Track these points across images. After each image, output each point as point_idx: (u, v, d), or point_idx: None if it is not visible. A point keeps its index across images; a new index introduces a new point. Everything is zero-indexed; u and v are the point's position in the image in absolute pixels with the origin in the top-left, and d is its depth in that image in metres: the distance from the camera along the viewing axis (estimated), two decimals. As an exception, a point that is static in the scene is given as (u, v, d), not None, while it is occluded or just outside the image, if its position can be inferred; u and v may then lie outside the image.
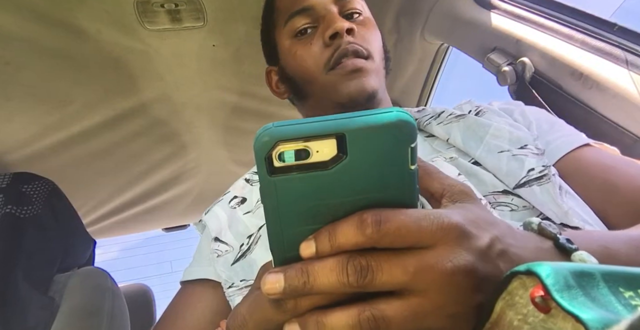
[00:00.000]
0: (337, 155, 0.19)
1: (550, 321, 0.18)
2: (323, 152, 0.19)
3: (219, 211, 0.57)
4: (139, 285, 1.40)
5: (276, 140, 0.19)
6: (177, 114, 1.01)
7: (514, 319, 0.20)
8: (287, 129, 0.19)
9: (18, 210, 0.76)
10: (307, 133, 0.19)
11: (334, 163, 0.19)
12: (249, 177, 0.61)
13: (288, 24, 0.59)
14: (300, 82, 0.60)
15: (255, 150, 0.19)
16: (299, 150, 0.19)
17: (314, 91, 0.58)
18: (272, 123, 0.19)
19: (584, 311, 0.17)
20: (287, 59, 0.60)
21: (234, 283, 0.48)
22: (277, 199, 0.20)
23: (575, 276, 0.18)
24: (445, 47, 1.03)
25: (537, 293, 0.18)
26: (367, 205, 0.20)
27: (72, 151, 1.00)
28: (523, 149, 0.46)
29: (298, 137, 0.19)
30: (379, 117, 0.19)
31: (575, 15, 0.70)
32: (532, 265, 0.19)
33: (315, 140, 0.19)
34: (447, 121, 0.55)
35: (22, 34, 0.74)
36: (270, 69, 0.67)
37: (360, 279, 0.20)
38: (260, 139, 0.19)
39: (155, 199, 1.27)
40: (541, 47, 0.72)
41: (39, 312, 0.70)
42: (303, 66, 0.57)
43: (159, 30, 0.80)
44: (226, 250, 0.52)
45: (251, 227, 0.52)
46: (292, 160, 0.19)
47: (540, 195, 0.42)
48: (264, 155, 0.19)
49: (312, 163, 0.19)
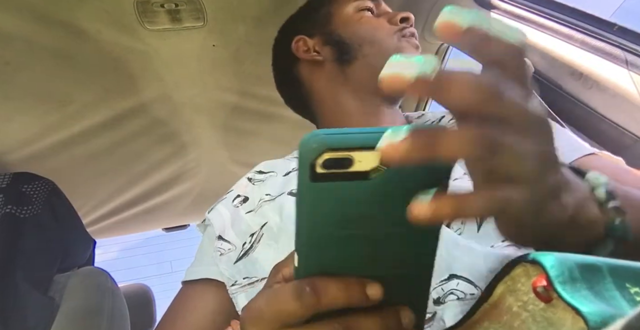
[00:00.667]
0: (378, 167, 0.20)
1: (550, 311, 0.18)
2: (365, 162, 0.20)
3: (222, 210, 0.57)
4: (139, 285, 1.40)
5: (325, 148, 0.19)
6: (177, 114, 1.01)
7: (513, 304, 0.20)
8: (336, 137, 0.19)
9: (18, 210, 0.76)
10: (355, 144, 0.19)
11: (375, 174, 0.20)
12: (252, 176, 0.61)
13: (357, 1, 0.66)
14: (358, 44, 0.63)
15: (301, 155, 0.20)
16: (343, 158, 0.19)
17: (371, 53, 0.62)
18: (321, 130, 0.20)
19: (584, 304, 0.17)
20: (348, 24, 0.65)
21: (237, 281, 0.48)
22: (313, 203, 0.21)
23: (581, 269, 0.18)
24: (445, 47, 1.03)
25: (539, 283, 0.18)
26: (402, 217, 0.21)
27: (72, 151, 1.00)
28: None
29: (346, 147, 0.19)
30: None
31: (575, 15, 0.70)
32: (537, 254, 0.19)
33: (360, 150, 0.19)
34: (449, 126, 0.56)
35: (22, 34, 0.74)
36: (301, 37, 0.68)
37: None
38: (309, 145, 0.19)
39: (155, 199, 1.27)
40: (541, 47, 0.72)
41: (39, 312, 0.70)
42: (370, 28, 0.63)
43: (159, 30, 0.80)
44: (229, 248, 0.52)
45: (253, 225, 0.52)
46: (335, 168, 0.20)
47: None
48: (309, 162, 0.19)
49: (354, 172, 0.20)
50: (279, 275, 0.26)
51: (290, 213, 0.50)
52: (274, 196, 0.54)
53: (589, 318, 0.16)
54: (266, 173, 0.60)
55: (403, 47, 0.62)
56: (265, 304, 0.23)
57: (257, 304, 0.24)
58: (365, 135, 0.20)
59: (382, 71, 0.19)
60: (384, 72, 0.19)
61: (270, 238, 0.50)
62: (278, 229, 0.50)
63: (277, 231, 0.50)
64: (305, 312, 0.22)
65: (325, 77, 0.66)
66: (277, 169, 0.60)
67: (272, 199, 0.54)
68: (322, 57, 0.65)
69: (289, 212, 0.50)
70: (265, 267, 0.48)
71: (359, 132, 0.20)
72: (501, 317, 0.20)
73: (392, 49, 0.61)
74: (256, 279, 0.48)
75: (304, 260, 0.23)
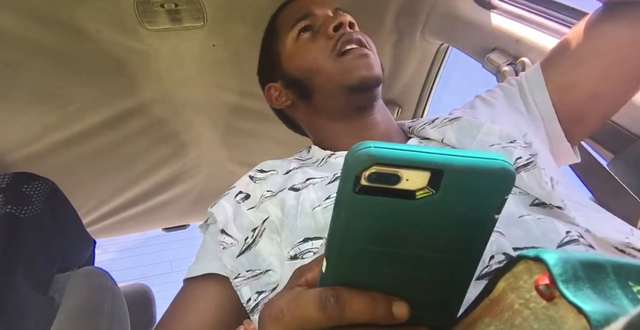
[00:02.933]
0: (426, 188, 0.19)
1: (552, 309, 0.18)
2: (412, 182, 0.19)
3: (225, 204, 0.58)
4: (139, 285, 1.40)
5: (374, 161, 0.18)
6: (177, 114, 1.01)
7: (515, 302, 0.20)
8: (386, 152, 0.19)
9: (18, 210, 0.76)
10: (405, 161, 0.19)
11: (422, 195, 0.19)
12: (253, 174, 0.61)
13: (292, 30, 0.63)
14: (307, 77, 0.62)
15: (348, 165, 0.19)
16: (390, 174, 0.19)
17: (321, 82, 0.61)
18: (372, 142, 0.19)
19: (587, 303, 0.17)
20: (292, 59, 0.64)
21: (240, 273, 0.49)
22: (351, 214, 0.20)
23: (584, 267, 0.18)
24: (445, 47, 1.03)
25: (542, 281, 0.18)
26: (440, 242, 0.20)
27: (72, 151, 1.00)
28: (512, 143, 0.49)
29: (395, 164, 0.19)
30: (483, 162, 0.19)
31: (575, 15, 0.70)
32: (541, 251, 0.19)
33: (410, 169, 0.19)
34: (442, 125, 0.57)
35: (22, 34, 0.74)
36: (270, 85, 0.69)
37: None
38: (358, 157, 0.19)
39: (155, 199, 1.27)
40: (541, 47, 0.72)
41: (39, 312, 0.70)
42: (309, 58, 0.61)
43: (159, 30, 0.80)
44: (231, 243, 0.52)
45: (255, 221, 0.53)
46: (381, 183, 0.19)
47: (527, 180, 0.44)
48: (356, 173, 0.19)
49: (399, 190, 0.19)
50: (302, 279, 0.26)
51: (291, 206, 0.50)
52: (275, 192, 0.55)
53: (591, 317, 0.16)
54: (267, 172, 0.61)
55: (345, 66, 0.58)
56: (287, 306, 0.23)
57: (279, 305, 0.23)
58: (417, 153, 0.19)
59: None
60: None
61: (273, 231, 0.50)
62: (280, 222, 0.50)
63: (280, 225, 0.50)
64: (326, 322, 0.22)
65: (303, 114, 0.68)
66: (278, 168, 0.61)
67: (273, 194, 0.54)
68: (291, 100, 0.67)
69: (290, 206, 0.50)
70: (268, 260, 0.49)
71: (411, 149, 0.19)
72: (503, 314, 0.20)
73: (337, 73, 0.59)
74: (259, 271, 0.48)
75: (332, 269, 0.22)
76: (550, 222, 0.39)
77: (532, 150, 0.47)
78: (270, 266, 0.48)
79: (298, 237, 0.46)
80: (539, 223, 0.39)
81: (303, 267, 0.27)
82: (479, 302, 0.22)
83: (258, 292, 0.47)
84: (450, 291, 0.22)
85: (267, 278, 0.47)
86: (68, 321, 0.69)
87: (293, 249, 0.46)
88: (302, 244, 0.46)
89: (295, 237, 0.47)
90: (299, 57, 0.62)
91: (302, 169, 0.58)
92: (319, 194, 0.50)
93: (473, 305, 0.23)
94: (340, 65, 0.58)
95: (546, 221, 0.40)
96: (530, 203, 0.44)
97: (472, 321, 0.23)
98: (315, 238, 0.46)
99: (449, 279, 0.22)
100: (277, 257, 0.48)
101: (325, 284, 0.23)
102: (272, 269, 0.47)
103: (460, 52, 0.93)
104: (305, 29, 0.62)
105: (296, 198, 0.51)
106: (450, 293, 0.23)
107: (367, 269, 0.22)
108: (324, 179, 0.53)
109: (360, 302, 0.21)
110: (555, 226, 0.39)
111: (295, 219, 0.48)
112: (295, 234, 0.47)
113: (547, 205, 0.43)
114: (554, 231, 0.38)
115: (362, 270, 0.22)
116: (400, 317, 0.21)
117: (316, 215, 0.47)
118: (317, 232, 0.46)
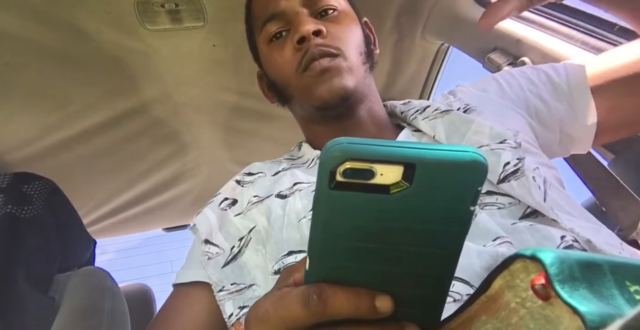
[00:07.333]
0: (400, 182, 0.19)
1: (548, 309, 0.18)
2: (387, 176, 0.19)
3: (209, 213, 0.57)
4: (139, 285, 1.40)
5: (347, 157, 0.19)
6: (177, 114, 1.01)
7: (512, 300, 0.20)
8: (359, 148, 0.19)
9: (18, 210, 0.76)
10: (378, 156, 0.19)
11: (396, 189, 0.19)
12: (240, 178, 0.61)
13: (263, 30, 0.60)
14: (281, 86, 0.60)
15: (322, 161, 0.19)
16: (365, 169, 0.19)
17: (293, 94, 0.59)
18: (344, 138, 0.19)
19: (583, 304, 0.17)
20: (267, 64, 0.62)
21: (225, 286, 0.48)
22: (329, 211, 0.20)
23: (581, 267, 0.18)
24: (445, 47, 1.03)
25: (538, 281, 0.18)
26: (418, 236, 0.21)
27: (72, 151, 1.00)
28: (502, 143, 0.47)
29: (368, 159, 0.19)
30: (454, 154, 0.19)
31: (575, 15, 0.70)
32: (537, 250, 0.19)
33: (383, 164, 0.19)
34: (433, 116, 0.54)
35: (22, 34, 0.74)
36: (260, 74, 0.68)
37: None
38: (331, 153, 0.19)
39: (155, 199, 1.27)
40: (541, 47, 0.72)
41: (39, 312, 0.70)
42: (279, 70, 0.58)
43: (159, 30, 0.80)
44: (217, 252, 0.52)
45: (242, 229, 0.52)
46: (355, 178, 0.19)
47: (517, 189, 0.43)
48: (330, 169, 0.19)
49: (374, 185, 0.19)
50: (290, 279, 0.26)
51: (277, 217, 0.49)
52: (262, 197, 0.54)
53: (586, 317, 0.16)
54: (255, 174, 0.60)
55: (308, 85, 0.54)
56: (272, 306, 0.23)
57: (264, 306, 0.24)
58: (389, 148, 0.19)
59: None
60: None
61: (258, 243, 0.50)
62: (266, 232, 0.49)
63: (265, 235, 0.49)
64: (310, 318, 0.22)
65: (291, 111, 0.67)
66: (266, 170, 0.60)
67: (259, 200, 0.54)
68: (274, 99, 0.66)
69: (276, 216, 0.49)
70: (253, 273, 0.48)
71: (384, 144, 0.19)
72: (499, 312, 0.20)
73: (303, 90, 0.56)
74: (244, 285, 0.48)
75: (314, 266, 0.22)
76: (544, 229, 0.39)
77: (521, 153, 0.46)
78: (254, 280, 0.47)
79: (283, 249, 0.46)
80: (533, 231, 0.39)
81: (291, 268, 0.27)
82: (475, 298, 0.22)
83: (241, 307, 0.46)
84: (432, 285, 0.23)
85: (251, 293, 0.47)
86: (68, 321, 0.69)
87: (277, 262, 0.45)
88: (286, 257, 0.45)
89: (280, 249, 0.46)
90: (272, 65, 0.60)
91: (291, 170, 0.57)
92: (305, 202, 0.49)
93: (469, 301, 0.23)
94: (304, 83, 0.55)
95: (539, 228, 0.39)
96: (521, 215, 0.43)
97: (468, 318, 0.23)
98: (299, 252, 0.45)
99: (430, 273, 0.22)
100: (262, 271, 0.48)
101: (309, 281, 0.23)
102: (256, 283, 0.47)
103: (461, 52, 0.93)
104: (275, 35, 0.58)
105: (282, 207, 0.50)
106: (433, 287, 0.23)
107: (349, 265, 0.22)
108: (311, 185, 0.52)
109: (343, 297, 0.21)
110: (550, 233, 0.39)
111: (280, 231, 0.47)
112: (280, 246, 0.46)
113: (539, 213, 0.42)
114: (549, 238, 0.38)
115: (345, 267, 0.22)
116: (383, 311, 0.21)
117: (302, 228, 0.46)
118: (302, 245, 0.45)
